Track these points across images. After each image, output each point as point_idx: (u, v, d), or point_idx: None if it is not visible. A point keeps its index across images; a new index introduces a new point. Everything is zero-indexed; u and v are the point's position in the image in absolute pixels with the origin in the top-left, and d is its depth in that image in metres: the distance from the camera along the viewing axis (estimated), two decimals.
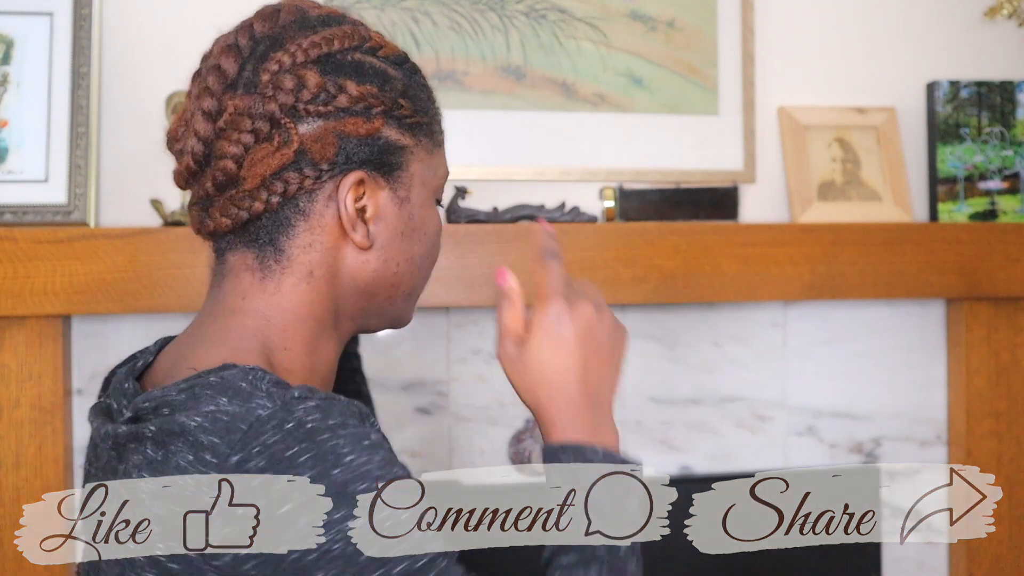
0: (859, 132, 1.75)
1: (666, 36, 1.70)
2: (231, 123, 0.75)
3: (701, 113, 1.71)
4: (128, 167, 1.54)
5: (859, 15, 1.78)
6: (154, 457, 0.68)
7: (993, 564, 1.74)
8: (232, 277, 0.80)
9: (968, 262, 1.65)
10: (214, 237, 0.80)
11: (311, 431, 0.66)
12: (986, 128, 1.76)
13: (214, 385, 0.69)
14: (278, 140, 0.75)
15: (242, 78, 0.77)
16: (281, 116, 0.75)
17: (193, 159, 0.77)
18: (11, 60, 1.48)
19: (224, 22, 0.82)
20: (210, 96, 0.76)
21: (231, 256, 0.80)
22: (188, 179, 0.79)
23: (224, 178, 0.76)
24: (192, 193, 0.80)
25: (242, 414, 0.67)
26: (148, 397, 0.72)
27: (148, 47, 1.55)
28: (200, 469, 0.66)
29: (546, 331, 0.77)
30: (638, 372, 1.68)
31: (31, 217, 1.45)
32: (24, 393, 1.46)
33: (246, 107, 0.75)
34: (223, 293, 0.80)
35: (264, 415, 0.66)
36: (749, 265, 1.58)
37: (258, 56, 0.77)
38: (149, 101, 1.53)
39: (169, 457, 0.67)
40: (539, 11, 1.67)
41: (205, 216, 0.79)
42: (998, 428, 1.75)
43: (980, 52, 1.81)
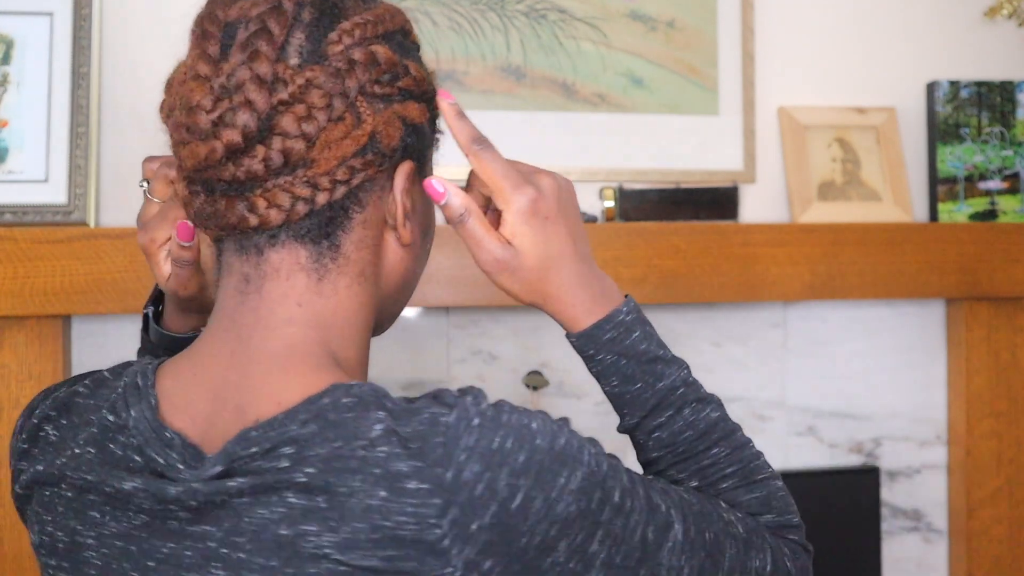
0: (859, 132, 1.75)
1: (666, 36, 1.70)
2: (300, 97, 0.65)
3: (701, 113, 1.71)
4: (128, 167, 1.54)
5: (859, 15, 1.78)
6: (312, 505, 0.59)
7: (993, 564, 1.74)
8: (279, 280, 0.68)
9: (968, 262, 1.65)
10: (240, 231, 0.67)
11: (493, 419, 0.62)
12: (986, 128, 1.76)
13: (351, 407, 0.62)
14: (350, 121, 0.67)
15: (293, 46, 0.67)
16: (356, 94, 0.67)
17: (243, 135, 0.64)
18: (11, 60, 1.48)
19: None
20: (267, 61, 0.65)
21: (274, 255, 0.68)
22: (224, 159, 0.65)
23: (283, 160, 0.65)
24: (205, 178, 0.67)
25: (423, 430, 0.60)
26: (248, 441, 0.62)
27: (148, 47, 1.55)
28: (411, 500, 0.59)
29: (529, 222, 0.73)
30: None
31: (31, 217, 1.45)
32: (24, 393, 1.46)
33: (319, 80, 0.66)
34: (268, 300, 0.68)
35: (451, 420, 0.61)
36: (749, 265, 1.58)
37: (312, 24, 0.67)
38: (149, 101, 1.53)
39: (344, 500, 0.59)
40: (539, 11, 1.67)
41: (240, 205, 0.66)
42: (998, 428, 1.75)
43: (980, 52, 1.81)
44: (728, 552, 0.72)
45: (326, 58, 0.67)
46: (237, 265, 0.69)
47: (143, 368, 0.70)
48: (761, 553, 0.75)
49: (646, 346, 0.78)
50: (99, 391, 0.71)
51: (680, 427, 0.78)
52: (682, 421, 0.78)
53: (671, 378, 0.78)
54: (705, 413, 0.79)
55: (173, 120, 0.67)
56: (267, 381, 0.66)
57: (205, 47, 0.68)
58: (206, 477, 0.62)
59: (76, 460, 0.68)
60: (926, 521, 1.78)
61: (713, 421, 0.79)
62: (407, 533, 0.58)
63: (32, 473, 0.70)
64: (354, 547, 0.58)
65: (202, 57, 0.68)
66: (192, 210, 0.69)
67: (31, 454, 0.71)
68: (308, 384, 0.64)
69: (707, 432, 0.79)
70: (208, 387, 0.67)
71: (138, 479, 0.64)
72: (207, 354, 0.69)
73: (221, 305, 0.70)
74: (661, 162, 1.70)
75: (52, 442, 0.70)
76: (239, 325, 0.68)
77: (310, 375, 0.65)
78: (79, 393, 0.72)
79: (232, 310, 0.69)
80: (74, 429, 0.70)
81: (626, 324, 0.77)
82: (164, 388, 0.69)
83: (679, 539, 0.68)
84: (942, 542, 1.78)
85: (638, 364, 0.77)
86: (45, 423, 0.72)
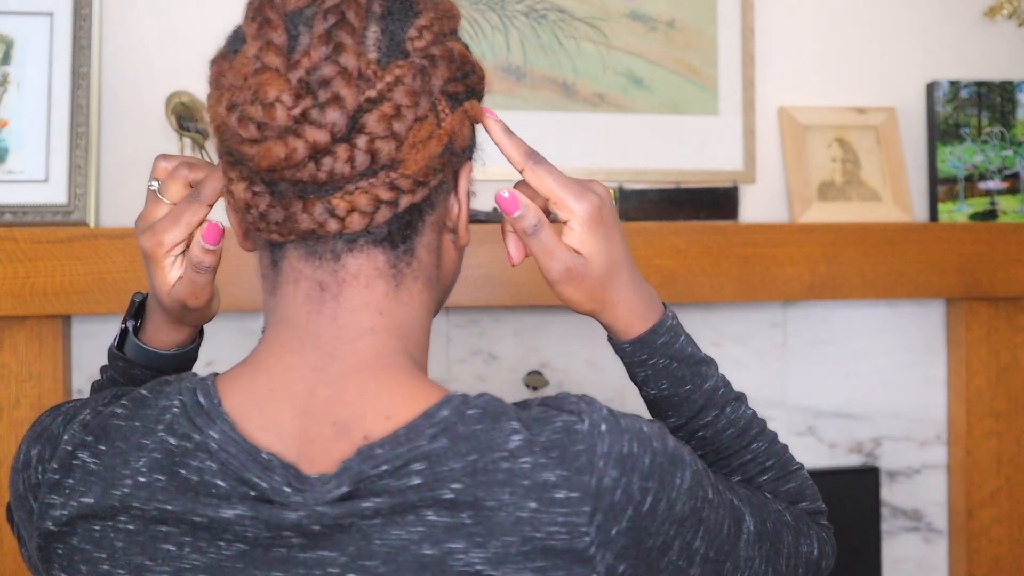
0: (859, 132, 1.75)
1: (666, 36, 1.70)
2: (387, 94, 0.61)
3: (701, 113, 1.71)
4: (128, 167, 1.54)
5: (859, 15, 1.78)
6: (456, 522, 0.58)
7: (993, 564, 1.74)
8: (358, 287, 0.65)
9: (968, 262, 1.65)
10: (316, 236, 0.63)
11: (616, 424, 0.62)
12: (986, 128, 1.76)
13: (478, 418, 0.61)
14: (432, 120, 0.64)
15: (370, 40, 0.63)
16: (439, 93, 0.64)
17: (331, 134, 0.60)
18: (11, 60, 1.48)
19: (224, 23, 0.81)
20: (353, 55, 0.61)
21: (353, 260, 0.64)
22: (306, 159, 0.61)
23: (370, 161, 0.61)
24: (277, 179, 0.62)
25: (559, 438, 0.60)
26: (375, 459, 0.60)
27: (148, 47, 1.55)
28: (561, 510, 0.59)
29: (595, 230, 0.73)
30: None
31: (31, 217, 1.45)
32: (24, 393, 1.46)
33: (406, 77, 0.62)
34: (348, 308, 0.65)
35: (585, 428, 0.61)
36: (749, 265, 1.58)
37: (383, 16, 0.64)
38: (149, 101, 1.53)
39: (491, 515, 0.58)
40: (539, 11, 1.67)
41: (318, 209, 0.62)
42: (998, 428, 1.75)
43: (980, 52, 1.81)
44: (785, 540, 0.75)
45: (407, 54, 0.63)
46: (308, 271, 0.65)
47: (199, 385, 0.65)
48: (808, 539, 0.78)
49: (691, 349, 0.79)
50: (140, 412, 0.65)
51: (723, 425, 0.80)
52: (725, 420, 0.80)
53: (713, 379, 0.80)
54: (742, 410, 0.81)
55: (238, 115, 0.61)
56: (365, 395, 0.63)
57: (270, 36, 0.62)
58: (331, 499, 0.59)
59: (144, 489, 0.62)
60: (926, 521, 1.78)
61: (749, 417, 0.81)
62: (557, 543, 0.59)
63: (76, 507, 0.63)
64: (506, 561, 0.58)
65: (270, 48, 0.62)
66: (253, 213, 0.63)
67: (65, 486, 0.64)
68: (414, 396, 0.63)
69: (746, 428, 0.80)
70: (293, 403, 0.63)
71: (241, 506, 0.60)
72: (284, 368, 0.65)
73: (285, 315, 0.66)
74: (661, 162, 1.70)
75: (94, 471, 0.64)
76: (317, 336, 0.64)
77: (410, 387, 0.64)
78: (116, 415, 0.65)
79: (305, 320, 0.65)
80: (122, 455, 0.63)
81: (674, 328, 0.78)
82: (234, 406, 0.64)
83: (752, 530, 0.70)
84: (942, 542, 1.78)
85: (687, 367, 0.78)
86: (80, 450, 0.65)
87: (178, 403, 0.64)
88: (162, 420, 0.64)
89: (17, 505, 0.68)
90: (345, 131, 0.61)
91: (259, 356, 0.67)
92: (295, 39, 0.63)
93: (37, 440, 0.68)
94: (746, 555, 0.70)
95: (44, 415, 0.71)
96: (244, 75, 0.62)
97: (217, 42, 0.72)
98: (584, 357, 1.68)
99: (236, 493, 0.61)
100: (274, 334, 0.67)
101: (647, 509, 0.61)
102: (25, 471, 0.67)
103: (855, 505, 1.72)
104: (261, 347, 0.67)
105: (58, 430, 0.67)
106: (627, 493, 0.61)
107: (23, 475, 0.67)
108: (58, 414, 0.69)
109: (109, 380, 0.84)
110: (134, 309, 0.82)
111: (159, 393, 0.66)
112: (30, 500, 0.66)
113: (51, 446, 0.66)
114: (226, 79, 0.63)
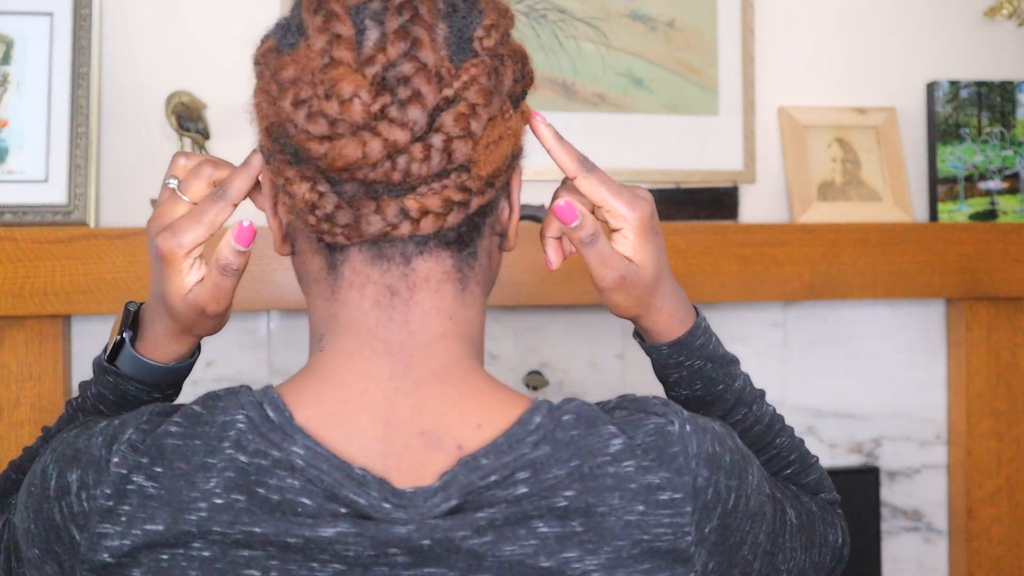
0: (859, 132, 1.75)
1: (666, 36, 1.70)
2: (464, 93, 0.60)
3: (701, 113, 1.71)
4: (128, 167, 1.54)
5: (859, 15, 1.78)
6: (567, 531, 0.57)
7: (993, 564, 1.74)
8: (428, 291, 0.63)
9: (968, 262, 1.65)
10: (387, 239, 0.61)
11: (696, 424, 0.63)
12: (986, 128, 1.76)
13: (574, 423, 0.60)
14: (502, 121, 0.63)
15: (440, 37, 0.61)
16: (507, 94, 0.63)
17: (412, 132, 0.58)
18: (11, 60, 1.48)
19: (224, 23, 0.80)
20: (432, 52, 0.59)
21: (422, 263, 0.62)
22: (383, 160, 0.58)
23: (447, 161, 0.59)
24: (347, 179, 0.60)
25: (654, 440, 0.61)
26: (481, 469, 0.58)
27: (148, 47, 1.55)
28: (666, 511, 0.59)
29: (648, 237, 0.72)
30: (639, 372, 1.68)
31: (31, 217, 1.45)
32: (24, 393, 1.46)
33: (481, 77, 0.60)
34: (420, 313, 0.63)
35: (676, 429, 0.62)
36: (749, 265, 1.58)
37: (449, 14, 0.62)
38: (149, 101, 1.53)
39: (601, 521, 0.58)
40: (539, 11, 1.67)
41: (390, 210, 0.59)
42: (998, 428, 1.75)
43: (980, 52, 1.81)
44: (817, 530, 0.76)
45: (476, 53, 0.61)
46: (375, 276, 0.62)
47: (265, 399, 0.61)
48: (832, 528, 0.80)
49: (722, 350, 0.81)
50: (197, 429, 0.61)
51: (751, 423, 0.81)
52: (752, 417, 0.82)
53: (741, 377, 0.82)
54: (766, 407, 0.83)
55: (307, 111, 0.58)
56: (448, 403, 0.61)
57: (338, 29, 0.59)
58: (440, 513, 0.57)
59: (225, 512, 0.58)
60: (926, 521, 1.78)
61: (771, 413, 0.83)
62: (663, 544, 0.59)
63: (140, 536, 0.58)
64: (618, 566, 0.58)
65: (340, 41, 0.59)
66: (318, 215, 0.60)
67: (120, 513, 0.59)
68: (501, 403, 0.62)
69: (771, 424, 0.82)
70: (373, 413, 0.61)
71: (342, 523, 0.57)
72: (357, 376, 0.62)
73: (350, 321, 0.63)
74: (661, 162, 1.70)
75: (154, 495, 0.59)
76: (389, 343, 0.62)
77: (492, 393, 0.63)
78: (171, 434, 0.61)
79: (374, 326, 0.63)
80: (186, 476, 0.59)
81: (707, 330, 0.80)
82: (307, 419, 0.61)
83: (793, 522, 0.72)
84: (942, 542, 1.78)
85: (719, 367, 0.80)
86: (135, 474, 0.60)
87: (243, 418, 0.60)
88: (226, 437, 0.60)
89: (44, 536, 0.62)
90: (425, 130, 0.59)
91: (325, 365, 0.63)
92: (362, 34, 0.60)
93: (73, 464, 0.62)
94: (790, 546, 0.71)
95: (68, 436, 0.65)
96: (311, 70, 0.59)
97: (218, 41, 0.70)
98: (584, 357, 1.68)
99: (326, 511, 0.57)
100: (339, 342, 0.63)
101: (731, 507, 0.63)
102: (62, 499, 0.61)
103: (855, 505, 1.72)
104: (324, 356, 0.64)
105: (101, 452, 0.61)
106: (716, 491, 0.62)
107: (59, 503, 0.61)
108: (92, 435, 0.63)
109: (96, 398, 0.78)
110: (129, 319, 0.77)
111: (214, 408, 0.62)
112: (72, 531, 0.60)
113: (95, 470, 0.60)
114: (287, 73, 0.60)
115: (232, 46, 1.52)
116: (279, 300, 1.43)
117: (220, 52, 1.53)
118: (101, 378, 0.77)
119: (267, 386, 0.63)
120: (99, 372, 0.78)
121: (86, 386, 0.79)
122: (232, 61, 1.51)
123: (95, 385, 0.78)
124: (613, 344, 1.67)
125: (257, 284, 1.42)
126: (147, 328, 0.76)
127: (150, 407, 0.64)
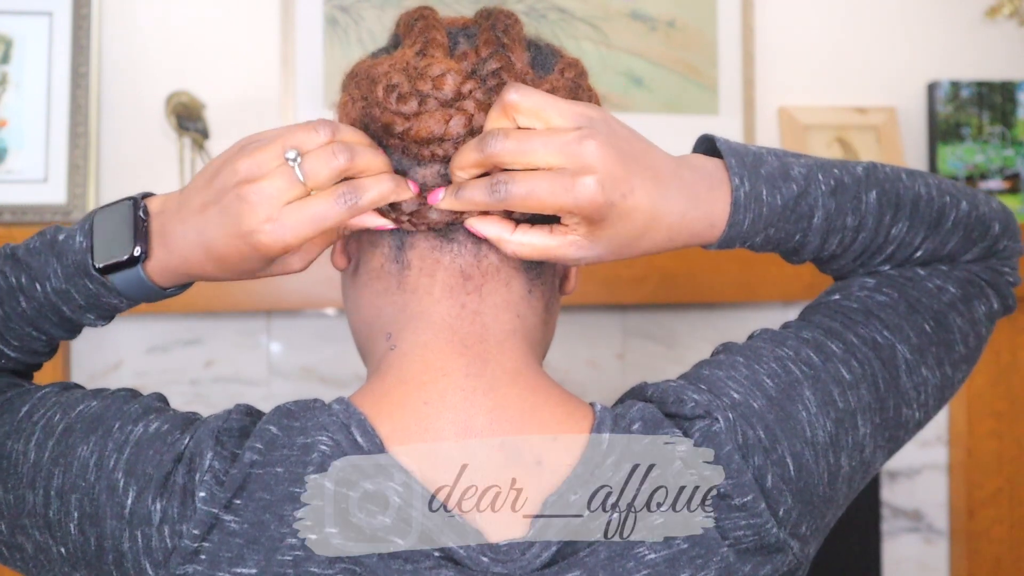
0: (859, 132, 1.75)
1: (666, 36, 1.70)
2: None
3: (701, 113, 1.71)
4: (127, 167, 1.54)
5: (859, 15, 1.78)
6: (673, 552, 0.57)
7: (993, 564, 1.74)
8: (499, 282, 0.62)
9: None
10: (455, 224, 0.61)
11: (722, 407, 0.63)
12: (987, 128, 1.76)
13: (641, 432, 0.60)
14: None
15: (524, 57, 0.65)
16: None
17: None
18: (11, 60, 1.48)
19: (224, 23, 0.80)
20: (520, 56, 0.64)
21: (492, 251, 0.62)
22: (462, 136, 0.61)
23: None
24: (416, 163, 0.61)
25: (708, 444, 0.60)
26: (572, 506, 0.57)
27: (147, 47, 1.55)
28: (739, 515, 0.60)
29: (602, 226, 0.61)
30: (638, 372, 1.68)
31: (31, 217, 1.45)
32: None
33: (562, 91, 0.64)
34: (490, 305, 0.62)
35: (721, 427, 0.61)
36: (749, 265, 1.58)
37: (533, 48, 0.68)
38: (149, 101, 1.53)
39: (704, 534, 0.59)
40: (539, 11, 1.67)
41: None
42: (998, 428, 1.75)
43: (980, 52, 1.81)
44: (954, 323, 0.70)
45: (551, 70, 0.66)
46: (446, 260, 0.61)
47: (351, 419, 0.58)
48: (981, 296, 0.72)
49: (779, 197, 0.65)
50: (276, 454, 0.57)
51: (849, 239, 0.69)
52: (851, 234, 0.69)
53: (820, 208, 0.67)
54: (864, 202, 0.68)
55: (398, 93, 0.59)
56: (524, 408, 0.60)
57: (433, 35, 0.62)
58: (540, 565, 0.55)
59: (321, 547, 0.55)
60: (926, 521, 1.78)
61: (875, 203, 0.68)
62: (748, 544, 0.60)
63: None
64: (729, 573, 0.59)
65: (434, 43, 0.62)
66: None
67: (202, 552, 0.55)
68: (570, 413, 0.61)
69: (879, 221, 0.69)
70: (453, 418, 0.59)
71: (445, 570, 0.55)
72: (436, 373, 0.60)
73: (420, 311, 0.61)
74: None
75: (236, 531, 0.55)
76: (464, 336, 0.61)
77: (560, 400, 0.62)
78: (254, 463, 0.56)
79: (446, 314, 0.61)
80: (271, 509, 0.55)
81: (751, 195, 0.64)
82: (391, 433, 0.58)
83: (908, 357, 0.67)
84: (943, 542, 1.78)
85: (785, 222, 0.66)
86: (223, 512, 0.55)
87: (328, 442, 0.57)
88: (309, 462, 0.56)
89: (97, 550, 0.57)
90: None
91: (399, 363, 0.61)
92: (455, 46, 0.63)
93: (151, 485, 0.57)
94: (912, 383, 0.67)
95: (119, 423, 0.59)
96: (405, 63, 0.61)
97: (218, 41, 0.70)
98: (584, 357, 1.67)
99: (418, 553, 0.55)
100: (411, 335, 0.61)
101: (794, 471, 0.62)
102: (139, 528, 0.56)
103: (855, 505, 1.71)
104: (397, 354, 0.61)
105: (183, 481, 0.56)
106: (772, 473, 0.61)
107: (134, 532, 0.56)
108: (163, 445, 0.58)
109: (58, 294, 0.63)
110: (142, 230, 0.61)
111: (290, 429, 0.58)
112: (144, 564, 0.56)
113: (180, 502, 0.56)
114: (381, 68, 0.61)
115: (232, 46, 1.52)
116: (279, 300, 1.43)
117: (220, 52, 1.53)
118: (73, 280, 0.63)
119: (346, 401, 0.59)
120: (76, 273, 0.63)
121: (35, 270, 0.63)
122: (232, 61, 1.51)
123: (61, 280, 0.63)
124: (613, 344, 1.67)
125: (257, 284, 1.42)
126: (160, 253, 0.62)
127: (218, 421, 0.59)
